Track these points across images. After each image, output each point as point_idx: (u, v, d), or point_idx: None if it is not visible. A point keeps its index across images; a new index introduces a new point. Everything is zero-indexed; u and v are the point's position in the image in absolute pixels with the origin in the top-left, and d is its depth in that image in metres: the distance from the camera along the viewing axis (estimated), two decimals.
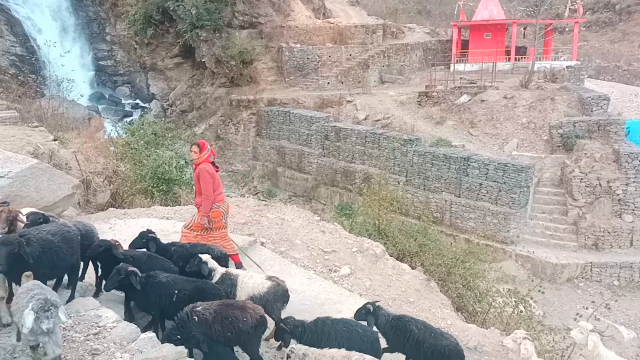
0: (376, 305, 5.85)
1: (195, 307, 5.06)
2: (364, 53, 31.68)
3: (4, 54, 29.08)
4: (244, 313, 5.02)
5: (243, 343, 5.06)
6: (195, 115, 31.76)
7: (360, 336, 5.39)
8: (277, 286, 5.90)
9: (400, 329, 5.67)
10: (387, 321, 5.76)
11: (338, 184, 24.56)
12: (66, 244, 5.27)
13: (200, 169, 7.22)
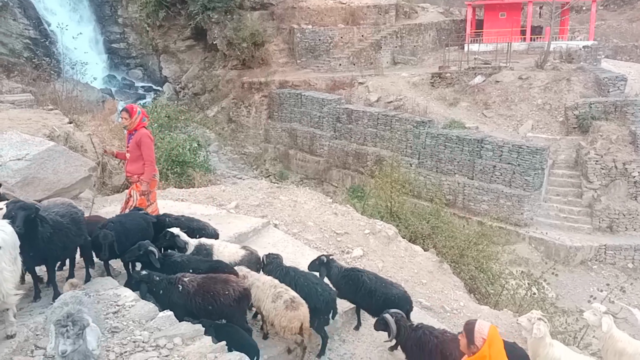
0: (330, 257, 6.27)
1: (184, 276, 5.20)
2: (377, 34, 31.35)
3: (17, 37, 29.20)
4: (226, 287, 5.05)
5: (227, 317, 5.12)
6: (207, 98, 31.78)
7: (318, 294, 5.60)
8: (251, 254, 6.17)
9: (353, 280, 6.02)
10: (339, 272, 6.13)
11: (350, 166, 24.54)
12: (75, 225, 5.32)
13: (142, 134, 6.92)
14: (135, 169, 7.05)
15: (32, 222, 4.79)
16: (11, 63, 25.17)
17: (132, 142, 6.93)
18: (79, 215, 5.49)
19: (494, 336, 3.59)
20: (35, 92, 15.92)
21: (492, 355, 3.51)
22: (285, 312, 5.14)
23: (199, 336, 4.54)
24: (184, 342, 4.42)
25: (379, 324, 5.32)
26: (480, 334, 3.59)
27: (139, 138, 6.88)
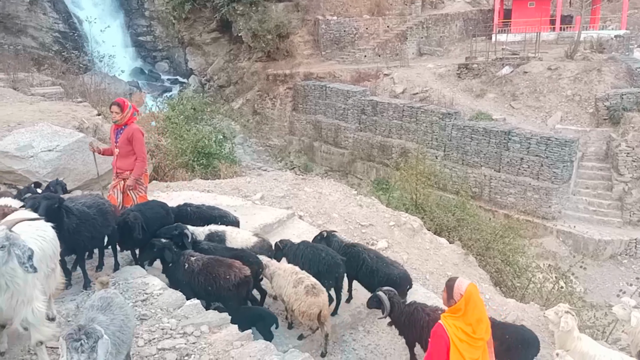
0: (330, 232, 6.43)
1: (192, 255, 5.36)
2: (402, 24, 31.02)
3: (47, 30, 29.80)
4: (228, 271, 5.15)
5: (223, 299, 5.25)
6: (232, 90, 31.95)
7: (321, 258, 5.89)
8: (263, 241, 6.28)
9: (353, 257, 6.09)
10: (339, 248, 6.21)
11: (374, 158, 24.44)
12: (101, 215, 5.39)
13: (133, 129, 6.71)
14: (126, 165, 6.78)
15: (57, 213, 4.81)
16: (41, 56, 25.74)
17: (123, 137, 6.67)
18: (105, 206, 5.56)
19: (471, 293, 3.83)
20: (65, 85, 16.24)
21: (466, 309, 3.79)
22: (306, 298, 5.24)
23: (226, 324, 4.61)
24: (210, 330, 4.50)
25: (372, 301, 5.36)
26: (458, 289, 3.84)
27: (131, 133, 6.66)
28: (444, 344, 3.77)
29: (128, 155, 6.73)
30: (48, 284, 4.11)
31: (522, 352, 5.45)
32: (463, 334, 3.77)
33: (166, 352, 4.15)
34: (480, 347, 3.90)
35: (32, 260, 3.45)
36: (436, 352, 3.81)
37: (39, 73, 16.97)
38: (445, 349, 3.76)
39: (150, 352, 4.14)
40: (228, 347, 4.23)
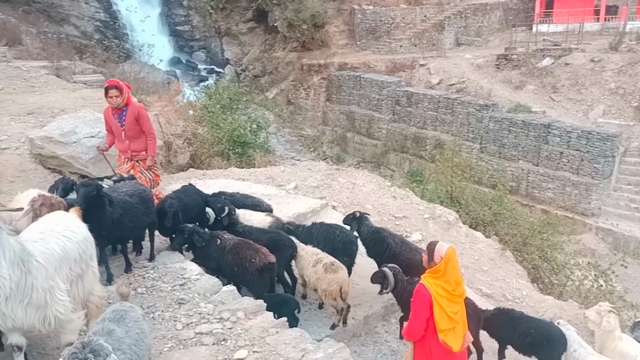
0: (363, 215, 6.45)
1: (223, 234, 5.55)
2: (440, 14, 30.49)
3: (89, 19, 30.46)
4: (255, 255, 5.27)
5: (248, 283, 5.40)
6: (267, 80, 32.09)
7: (336, 236, 6.08)
8: (277, 220, 6.45)
9: (379, 241, 6.15)
10: (368, 231, 6.27)
11: (408, 150, 24.20)
12: (143, 204, 5.40)
13: (138, 107, 6.49)
14: (140, 146, 6.57)
15: (98, 201, 4.76)
16: (83, 45, 26.34)
17: (129, 118, 6.40)
18: (147, 194, 5.56)
19: (450, 256, 4.16)
20: (106, 73, 16.59)
21: (446, 270, 4.13)
22: (325, 275, 5.40)
23: (261, 311, 4.66)
24: (246, 316, 4.56)
25: (376, 276, 5.39)
26: (439, 252, 4.16)
27: (137, 112, 6.42)
28: (427, 300, 4.09)
29: (138, 135, 6.51)
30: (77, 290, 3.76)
31: (547, 349, 5.35)
32: (443, 291, 4.11)
33: (204, 336, 4.23)
34: (459, 302, 4.25)
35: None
36: (420, 309, 4.11)
37: (81, 61, 17.38)
38: (428, 304, 4.09)
39: (189, 335, 4.23)
40: (263, 333, 4.28)
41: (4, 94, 11.28)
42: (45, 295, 3.36)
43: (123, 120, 6.44)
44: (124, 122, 6.43)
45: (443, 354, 4.17)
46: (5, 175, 7.15)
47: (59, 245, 3.59)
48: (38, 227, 3.73)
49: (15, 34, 18.55)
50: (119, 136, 6.53)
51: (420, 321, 4.14)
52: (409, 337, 4.30)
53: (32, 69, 13.47)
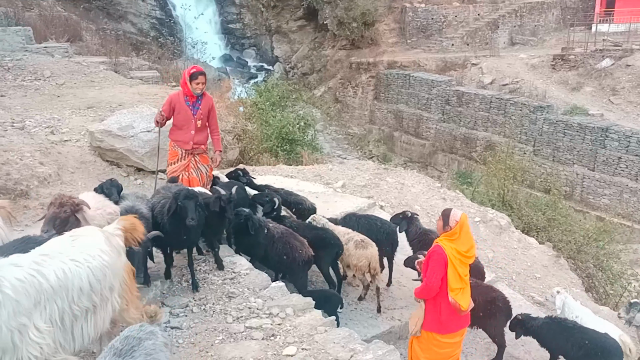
0: (414, 215, 6.40)
1: (269, 222, 5.65)
2: (494, 12, 29.76)
3: (145, 17, 31.44)
4: (302, 246, 5.45)
5: (292, 273, 5.54)
6: (315, 78, 32.22)
7: (378, 227, 6.19)
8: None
9: (426, 243, 5.94)
10: (416, 232, 6.24)
11: (457, 151, 23.76)
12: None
13: (210, 98, 6.20)
14: (202, 139, 6.22)
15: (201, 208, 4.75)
16: (139, 42, 27.20)
17: (204, 108, 6.08)
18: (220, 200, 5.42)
19: (464, 221, 4.51)
20: (160, 69, 17.03)
21: (461, 234, 4.46)
22: (355, 251, 5.71)
23: (310, 309, 4.67)
24: (295, 313, 4.58)
25: (410, 261, 5.49)
26: (454, 217, 4.49)
27: (211, 104, 6.17)
28: (443, 260, 4.40)
29: (204, 128, 6.19)
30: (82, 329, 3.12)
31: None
32: (457, 254, 4.44)
33: (253, 330, 4.27)
34: (468, 265, 4.60)
35: None
36: (437, 268, 4.41)
37: (137, 57, 17.91)
38: (443, 264, 4.40)
39: (239, 329, 4.28)
40: (312, 331, 4.28)
41: (65, 88, 11.75)
42: (11, 335, 2.67)
43: (197, 109, 6.04)
44: (198, 111, 6.04)
45: (452, 313, 4.50)
46: (67, 167, 7.44)
47: (56, 273, 2.92)
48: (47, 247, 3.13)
49: (76, 30, 19.33)
50: (187, 125, 6.05)
51: (436, 279, 4.41)
52: (425, 295, 4.56)
53: (92, 64, 13.95)
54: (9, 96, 10.68)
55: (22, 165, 6.74)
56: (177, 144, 6.14)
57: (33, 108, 9.89)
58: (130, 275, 3.57)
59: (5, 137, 7.49)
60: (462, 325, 4.71)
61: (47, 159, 7.27)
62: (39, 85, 11.59)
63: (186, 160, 6.15)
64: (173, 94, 6.22)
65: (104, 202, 4.74)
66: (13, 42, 13.95)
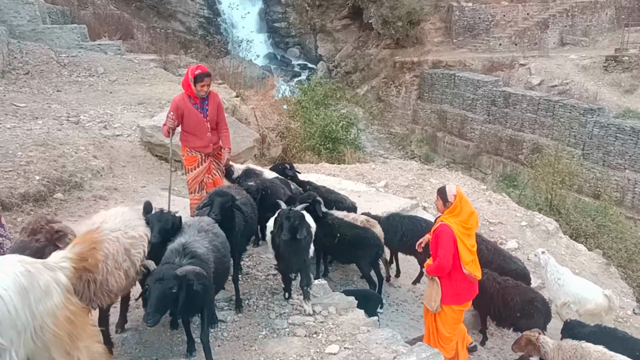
0: None
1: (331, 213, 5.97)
2: (544, 12, 28.92)
3: (194, 16, 32.14)
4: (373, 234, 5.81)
5: (361, 257, 5.74)
6: (358, 77, 32.14)
7: (423, 228, 6.00)
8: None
9: None
10: None
11: (502, 153, 23.24)
12: (253, 211, 5.19)
13: (216, 94, 5.73)
14: (217, 138, 5.71)
15: (230, 212, 4.48)
16: (187, 40, 27.84)
17: (213, 107, 5.54)
18: (251, 201, 5.33)
19: (460, 193, 4.74)
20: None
21: (461, 206, 4.66)
22: None
23: (352, 308, 4.67)
24: (337, 312, 4.59)
25: None
26: (451, 192, 4.68)
27: (218, 100, 5.68)
28: (452, 238, 4.60)
29: (215, 127, 5.65)
30: None
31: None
32: (462, 228, 4.64)
33: (296, 327, 4.31)
34: (473, 234, 4.81)
35: None
36: (447, 246, 4.61)
37: (185, 55, 18.34)
38: (453, 241, 4.60)
39: (282, 325, 4.33)
40: (355, 330, 4.29)
41: (117, 85, 12.17)
42: None
43: (206, 110, 5.49)
44: (208, 112, 5.50)
45: (467, 284, 4.79)
46: (119, 160, 7.72)
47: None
48: None
49: (128, 28, 19.96)
50: (200, 129, 5.50)
51: (448, 257, 4.61)
52: (439, 273, 4.76)
53: (143, 62, 14.39)
54: (64, 91, 11.15)
55: (77, 158, 7.02)
56: (196, 149, 5.60)
57: (87, 103, 10.29)
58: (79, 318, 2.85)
59: (62, 131, 7.81)
60: (475, 293, 4.98)
61: (100, 152, 7.55)
62: (92, 82, 12.04)
63: (207, 163, 5.68)
64: (177, 98, 5.54)
65: (130, 223, 3.81)
66: (69, 40, 14.53)
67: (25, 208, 5.74)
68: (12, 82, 11.04)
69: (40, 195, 6.03)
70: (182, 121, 5.48)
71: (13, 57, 12.17)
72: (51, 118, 8.65)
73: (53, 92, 10.93)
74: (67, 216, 6.00)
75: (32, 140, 6.93)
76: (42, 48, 12.94)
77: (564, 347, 4.87)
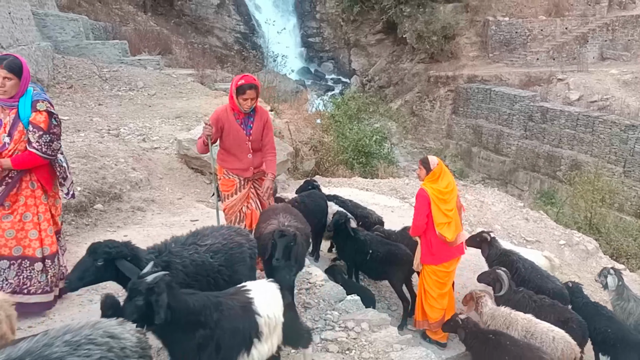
0: (492, 236, 6.19)
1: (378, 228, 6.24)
2: (583, 26, 28.33)
3: (230, 31, 32.83)
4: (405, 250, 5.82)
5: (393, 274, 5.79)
6: (392, 91, 32.10)
7: None
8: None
9: (507, 265, 5.84)
10: (495, 254, 6.04)
11: (539, 169, 22.75)
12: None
13: (265, 111, 4.93)
14: (259, 161, 4.95)
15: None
16: (224, 55, 28.39)
17: (258, 125, 4.80)
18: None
19: (440, 162, 5.24)
20: None
21: (440, 174, 5.16)
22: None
23: (385, 324, 4.62)
24: (370, 328, 4.54)
25: (486, 276, 5.60)
26: (432, 161, 5.19)
27: (266, 118, 4.88)
28: (426, 200, 5.12)
29: (259, 148, 4.89)
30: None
31: None
32: (438, 193, 5.12)
33: (329, 343, 4.28)
34: (450, 201, 5.19)
35: None
36: (421, 208, 5.17)
37: (221, 70, 18.72)
38: (427, 204, 5.12)
39: (315, 340, 4.30)
40: (388, 348, 4.24)
41: (156, 99, 12.47)
42: None
43: (250, 127, 4.78)
44: (252, 129, 4.78)
45: (441, 246, 5.25)
46: (156, 172, 7.88)
47: None
48: None
49: (167, 44, 20.50)
50: (240, 148, 4.80)
51: (421, 217, 5.16)
52: (415, 232, 5.34)
53: (180, 76, 14.73)
54: (106, 105, 11.49)
55: (117, 170, 7.20)
56: (233, 172, 4.88)
57: (127, 116, 10.57)
58: None
59: (103, 143, 8.03)
60: (453, 256, 5.39)
61: (139, 164, 7.73)
62: (132, 95, 12.38)
63: (246, 190, 4.91)
64: (220, 109, 4.87)
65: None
66: (111, 55, 15.00)
67: (66, 218, 5.90)
68: (56, 96, 11.44)
69: (81, 205, 6.20)
70: (221, 136, 4.80)
71: (57, 72, 12.62)
72: (93, 131, 8.91)
73: (95, 106, 11.28)
74: (106, 227, 6.16)
75: (74, 152, 7.14)
76: (85, 63, 13.39)
77: (496, 315, 5.17)
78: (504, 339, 4.77)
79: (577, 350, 4.80)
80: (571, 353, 4.77)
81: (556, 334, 4.82)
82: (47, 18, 14.39)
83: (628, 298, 6.02)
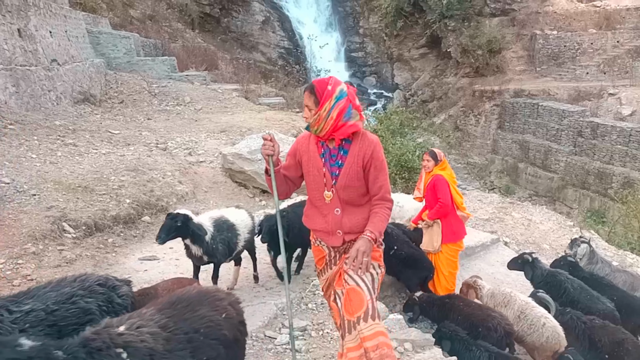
0: (534, 257, 6.15)
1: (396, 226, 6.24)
2: (636, 39, 27.33)
3: (274, 47, 33.36)
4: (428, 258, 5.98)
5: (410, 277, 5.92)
6: (435, 105, 31.79)
7: None
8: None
9: (555, 286, 5.80)
10: (542, 275, 5.94)
11: (590, 186, 21.93)
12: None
13: (375, 143, 3.02)
14: (360, 223, 3.05)
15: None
16: (268, 70, 28.90)
17: (356, 158, 2.99)
18: None
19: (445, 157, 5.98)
20: (286, 96, 17.90)
21: (446, 163, 5.92)
22: None
23: (429, 346, 4.52)
24: (414, 349, 4.46)
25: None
26: (439, 153, 5.88)
27: (371, 151, 2.97)
28: (446, 184, 5.70)
29: (361, 200, 3.08)
30: None
31: None
32: (450, 178, 5.81)
33: None
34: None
35: None
36: (445, 190, 5.67)
37: (265, 85, 19.02)
38: (448, 186, 5.70)
39: None
40: None
41: (202, 113, 12.78)
42: None
43: (338, 163, 3.01)
44: (341, 168, 3.00)
45: (459, 224, 5.95)
46: (201, 186, 8.04)
47: None
48: None
49: (213, 60, 21.03)
50: (318, 196, 3.10)
51: (448, 198, 5.63)
52: (442, 214, 5.70)
53: (226, 92, 15.07)
54: (154, 119, 11.85)
55: (164, 183, 7.39)
56: (317, 235, 3.25)
57: (174, 131, 10.86)
58: None
59: (151, 157, 8.27)
60: (465, 232, 6.12)
61: (185, 178, 7.91)
62: (180, 110, 12.73)
63: (337, 267, 3.17)
64: (301, 137, 3.25)
65: None
66: (160, 71, 15.50)
67: (115, 230, 6.09)
68: (107, 110, 11.89)
69: (129, 217, 6.38)
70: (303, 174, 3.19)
71: (109, 87, 13.13)
72: (142, 144, 9.19)
73: (144, 120, 11.65)
74: (153, 238, 6.29)
75: (124, 165, 7.38)
76: (136, 78, 13.88)
77: (496, 293, 5.41)
78: (458, 301, 5.31)
79: (563, 344, 4.94)
80: (555, 344, 4.92)
81: (548, 322, 4.99)
82: (101, 36, 15.03)
83: (597, 261, 6.72)
